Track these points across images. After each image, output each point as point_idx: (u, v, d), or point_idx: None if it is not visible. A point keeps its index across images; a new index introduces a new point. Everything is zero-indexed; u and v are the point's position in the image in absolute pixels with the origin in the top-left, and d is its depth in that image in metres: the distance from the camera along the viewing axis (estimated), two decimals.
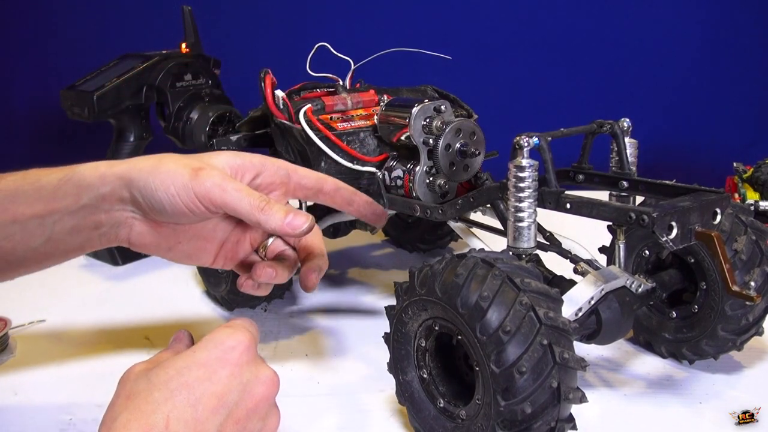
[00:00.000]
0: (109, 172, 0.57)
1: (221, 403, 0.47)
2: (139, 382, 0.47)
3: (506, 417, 0.49)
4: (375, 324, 0.63)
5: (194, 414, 0.46)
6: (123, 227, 0.58)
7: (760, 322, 0.67)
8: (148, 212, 0.57)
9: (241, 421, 0.48)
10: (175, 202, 0.55)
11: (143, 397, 0.46)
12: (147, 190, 0.55)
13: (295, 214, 0.55)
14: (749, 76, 1.37)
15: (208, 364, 0.48)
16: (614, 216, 0.58)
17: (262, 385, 0.49)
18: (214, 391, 0.47)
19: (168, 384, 0.46)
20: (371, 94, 0.83)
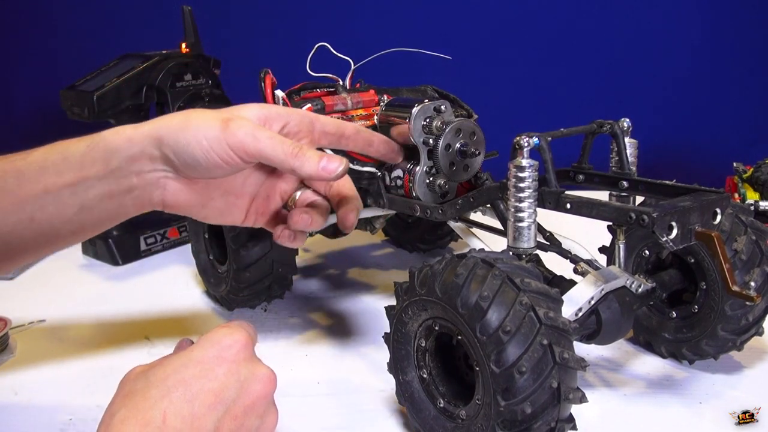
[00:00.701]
0: (137, 134, 0.56)
1: (218, 400, 0.47)
2: (138, 381, 0.48)
3: (506, 417, 0.49)
4: (375, 324, 0.63)
5: (191, 410, 0.46)
6: (156, 188, 0.58)
7: (760, 322, 0.67)
8: (181, 169, 0.56)
9: (238, 418, 0.48)
10: (209, 155, 0.54)
11: (141, 394, 0.46)
12: (178, 146, 0.55)
13: (328, 158, 0.55)
14: (749, 76, 1.37)
15: (204, 362, 0.48)
16: (614, 216, 0.58)
17: (259, 383, 0.49)
18: (211, 388, 0.47)
19: (165, 381, 0.47)
20: (371, 94, 0.83)
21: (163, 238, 1.05)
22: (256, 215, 0.62)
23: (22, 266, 0.98)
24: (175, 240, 1.06)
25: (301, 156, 0.55)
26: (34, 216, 0.57)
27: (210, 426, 0.46)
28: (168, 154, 0.55)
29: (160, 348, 0.77)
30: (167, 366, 0.48)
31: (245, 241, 0.77)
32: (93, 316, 0.86)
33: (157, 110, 0.99)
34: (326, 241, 0.96)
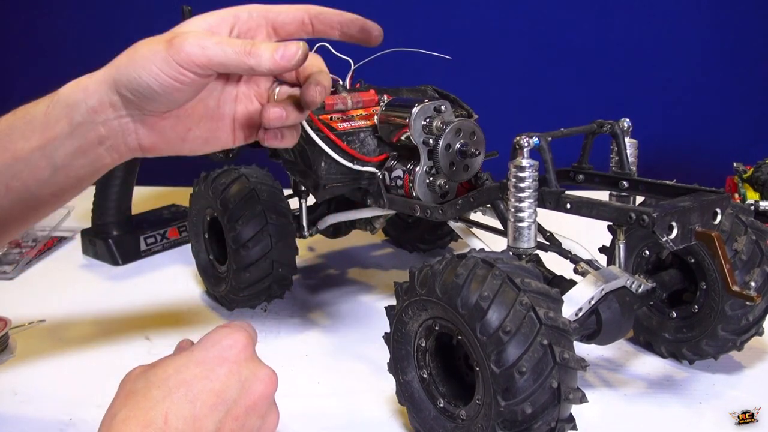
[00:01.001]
0: (91, 82, 0.54)
1: (220, 400, 0.47)
2: (138, 381, 0.47)
3: (506, 417, 0.49)
4: (375, 324, 0.63)
5: (192, 410, 0.46)
6: (127, 133, 0.56)
7: (760, 322, 0.67)
8: (143, 106, 0.54)
9: (239, 418, 0.48)
10: (162, 80, 0.52)
11: (142, 394, 0.46)
12: (131, 82, 0.53)
13: (284, 45, 0.52)
14: (749, 77, 1.37)
15: (205, 362, 0.48)
16: (614, 216, 0.58)
17: (260, 383, 0.49)
18: (212, 388, 0.47)
19: (166, 382, 0.46)
20: (371, 94, 0.83)
21: (163, 238, 1.05)
22: (243, 131, 0.59)
23: (21, 265, 0.98)
24: (175, 240, 1.06)
25: (255, 52, 0.52)
26: (9, 185, 0.56)
27: (211, 426, 0.46)
28: (126, 94, 0.53)
29: (160, 348, 0.76)
30: (168, 366, 0.48)
31: (245, 241, 0.77)
32: (93, 316, 0.86)
33: None
34: (326, 241, 0.96)
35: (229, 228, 0.78)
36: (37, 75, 1.50)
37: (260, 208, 0.78)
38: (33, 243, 1.06)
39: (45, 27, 1.49)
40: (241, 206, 0.78)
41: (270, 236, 0.78)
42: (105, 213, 1.01)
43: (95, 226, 1.02)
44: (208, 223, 0.85)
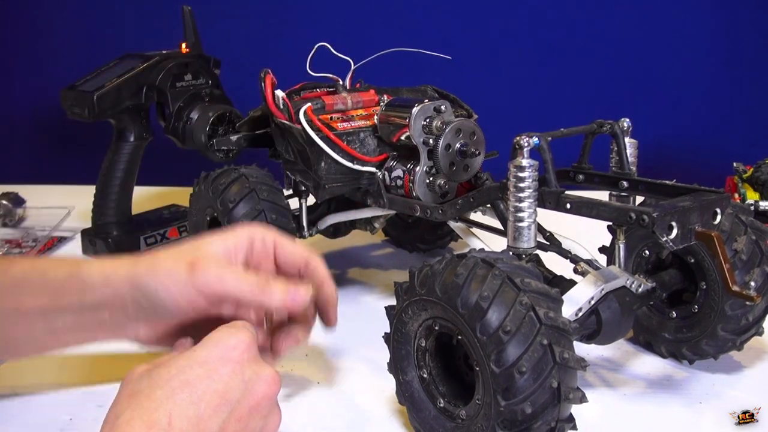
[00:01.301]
0: (114, 275, 0.57)
1: (223, 401, 0.47)
2: (141, 381, 0.47)
3: (506, 417, 0.49)
4: (375, 324, 0.63)
5: (197, 411, 0.46)
6: (128, 327, 0.59)
7: (760, 322, 0.67)
8: (152, 313, 0.57)
9: (243, 419, 0.48)
10: (177, 301, 0.55)
11: (146, 395, 0.46)
12: (149, 294, 0.56)
13: (294, 290, 0.56)
14: (749, 76, 1.37)
15: (209, 363, 0.48)
16: (614, 216, 0.58)
17: (264, 384, 0.49)
18: (216, 389, 0.47)
19: (170, 382, 0.46)
20: (371, 94, 0.83)
21: (163, 238, 1.05)
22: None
23: None
24: (175, 240, 1.06)
25: (267, 291, 0.55)
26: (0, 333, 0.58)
27: (215, 427, 0.46)
28: (140, 300, 0.56)
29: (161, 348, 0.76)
30: (171, 366, 0.48)
31: None
32: None
33: (157, 110, 0.99)
34: (326, 241, 0.96)
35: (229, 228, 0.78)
36: (37, 75, 1.51)
37: (260, 208, 0.78)
38: (33, 243, 1.06)
39: (45, 27, 1.48)
40: (241, 206, 0.78)
41: None
42: (105, 213, 1.01)
43: (95, 226, 1.02)
44: (208, 223, 0.85)
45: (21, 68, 1.52)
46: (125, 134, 0.98)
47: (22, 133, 1.55)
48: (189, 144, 0.96)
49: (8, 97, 1.54)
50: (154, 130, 1.01)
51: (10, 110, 1.54)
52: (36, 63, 1.51)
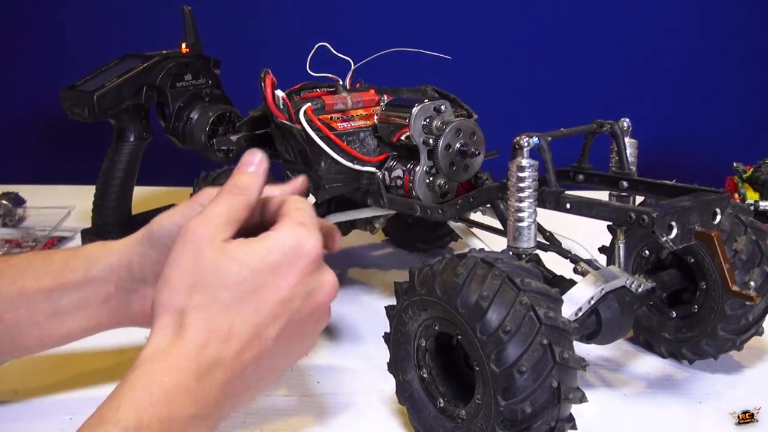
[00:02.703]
0: (117, 243, 0.59)
1: (285, 309, 0.48)
2: (207, 269, 0.46)
3: (506, 417, 0.49)
4: (375, 324, 0.63)
5: (257, 318, 0.47)
6: (134, 298, 0.59)
7: (760, 322, 0.67)
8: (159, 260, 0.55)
9: (297, 324, 0.49)
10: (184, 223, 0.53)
11: (211, 293, 0.46)
12: (154, 237, 0.56)
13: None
14: (749, 76, 1.37)
15: (280, 270, 0.47)
16: (614, 216, 0.58)
17: (323, 292, 0.50)
18: (281, 298, 0.47)
19: (238, 286, 0.46)
20: (371, 94, 0.83)
21: None
22: None
23: None
24: None
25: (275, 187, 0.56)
26: (2, 315, 0.58)
27: (272, 334, 0.47)
28: (146, 251, 0.57)
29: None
30: (242, 266, 0.46)
31: None
32: None
33: (157, 110, 0.99)
34: None
35: None
36: (37, 75, 1.51)
37: None
38: (33, 243, 1.06)
39: (45, 27, 1.48)
40: None
41: None
42: (105, 213, 1.01)
43: (95, 226, 1.02)
44: None
45: (21, 68, 1.52)
46: (125, 134, 0.98)
47: (22, 133, 1.55)
48: (189, 144, 0.96)
49: (8, 97, 1.54)
50: (154, 130, 1.01)
51: (10, 110, 1.54)
52: (36, 63, 1.51)
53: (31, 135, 1.55)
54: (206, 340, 0.45)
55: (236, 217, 0.49)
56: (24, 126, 1.55)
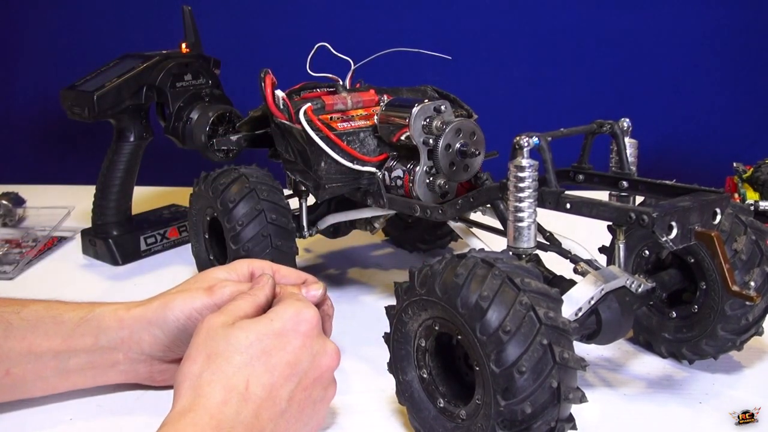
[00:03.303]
0: (127, 316, 0.61)
1: (293, 372, 0.52)
2: (219, 341, 0.51)
3: (506, 417, 0.49)
4: (375, 324, 0.63)
5: (270, 379, 0.51)
6: (144, 366, 0.62)
7: (760, 322, 0.67)
8: (170, 344, 0.61)
9: (308, 389, 0.53)
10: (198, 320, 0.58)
11: (225, 358, 0.51)
12: (166, 323, 0.60)
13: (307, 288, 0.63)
14: (749, 76, 1.37)
15: (283, 335, 0.53)
16: (614, 216, 0.58)
17: (327, 357, 0.55)
18: (288, 360, 0.52)
19: (249, 350, 0.51)
20: (371, 94, 0.83)
21: (163, 238, 1.05)
22: None
23: (21, 265, 0.98)
24: (175, 240, 1.06)
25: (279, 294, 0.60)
26: (10, 370, 0.60)
27: (285, 395, 0.52)
28: (157, 334, 0.60)
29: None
30: (250, 332, 0.52)
31: (245, 241, 0.77)
32: None
33: (157, 110, 0.99)
34: (326, 241, 0.96)
35: (229, 228, 0.78)
36: (37, 75, 1.51)
37: (260, 208, 0.78)
38: (33, 243, 1.06)
39: (45, 27, 1.49)
40: (241, 206, 0.78)
41: (270, 236, 0.78)
42: (105, 213, 1.01)
43: (95, 226, 1.02)
44: (208, 223, 0.85)
45: (21, 68, 1.52)
46: (125, 134, 0.98)
47: (22, 133, 1.55)
48: (189, 144, 0.96)
49: (8, 97, 1.54)
50: (154, 130, 1.01)
51: (10, 110, 1.54)
52: (36, 63, 1.51)
53: (31, 135, 1.55)
54: (225, 398, 0.49)
55: (243, 313, 0.55)
56: (24, 126, 1.55)
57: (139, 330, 0.61)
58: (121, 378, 0.63)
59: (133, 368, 0.62)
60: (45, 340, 0.60)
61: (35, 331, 0.61)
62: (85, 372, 0.62)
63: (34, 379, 0.61)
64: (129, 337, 0.61)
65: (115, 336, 0.61)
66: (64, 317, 0.62)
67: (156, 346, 0.61)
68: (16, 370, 0.60)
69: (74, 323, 0.61)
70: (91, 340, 0.61)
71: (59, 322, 0.61)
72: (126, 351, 0.61)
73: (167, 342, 0.60)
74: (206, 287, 0.60)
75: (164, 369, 0.63)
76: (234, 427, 0.48)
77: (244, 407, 0.49)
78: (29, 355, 0.60)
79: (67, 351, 0.61)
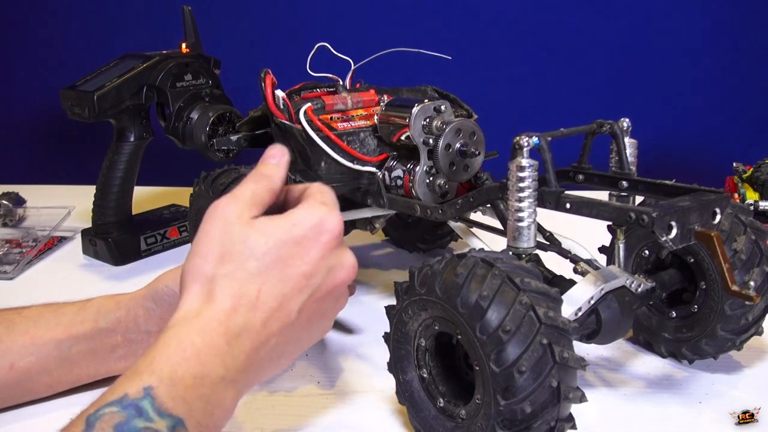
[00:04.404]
0: (124, 297, 0.63)
1: (307, 284, 0.50)
2: (235, 241, 0.48)
3: (506, 416, 0.49)
4: (375, 324, 0.63)
5: (283, 290, 0.49)
6: (141, 346, 0.63)
7: (760, 322, 0.67)
8: (163, 316, 0.62)
9: (319, 301, 0.51)
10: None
11: (240, 262, 0.48)
12: (157, 293, 0.61)
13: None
14: (749, 76, 1.37)
15: (303, 243, 0.50)
16: (614, 216, 0.58)
17: (343, 271, 0.52)
18: (304, 271, 0.50)
19: (265, 256, 0.48)
20: (371, 94, 0.83)
21: (163, 238, 1.05)
22: None
23: (21, 265, 0.98)
24: (175, 240, 1.06)
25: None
26: (15, 364, 0.61)
27: (296, 306, 0.50)
28: (150, 306, 0.62)
29: None
30: (268, 237, 0.49)
31: None
32: None
33: (157, 110, 0.99)
34: None
35: None
36: (37, 75, 1.51)
37: None
38: (33, 243, 1.06)
39: (45, 27, 1.49)
40: None
41: None
42: (105, 213, 1.01)
43: (95, 226, 1.02)
44: None
45: (21, 68, 1.52)
46: (125, 134, 0.98)
47: (22, 133, 1.55)
48: (189, 144, 0.96)
49: (8, 97, 1.54)
50: (154, 130, 1.01)
51: (10, 110, 1.54)
52: (36, 63, 1.51)
53: (31, 135, 1.55)
54: (235, 305, 0.47)
55: (261, 199, 0.51)
56: (24, 126, 1.55)
57: (134, 307, 0.62)
58: (120, 366, 0.64)
59: (132, 351, 0.63)
60: (47, 331, 0.62)
61: (37, 324, 0.62)
62: (87, 360, 0.63)
63: (39, 373, 0.62)
64: (126, 316, 0.62)
65: (113, 317, 0.63)
66: (64, 309, 0.64)
67: (151, 320, 0.62)
68: (20, 363, 0.61)
69: (74, 313, 0.63)
70: (90, 325, 0.62)
71: (60, 314, 0.63)
72: (124, 332, 0.63)
73: (160, 313, 0.62)
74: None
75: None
76: (241, 335, 0.47)
77: (253, 316, 0.48)
78: (32, 346, 0.61)
79: (69, 339, 0.62)
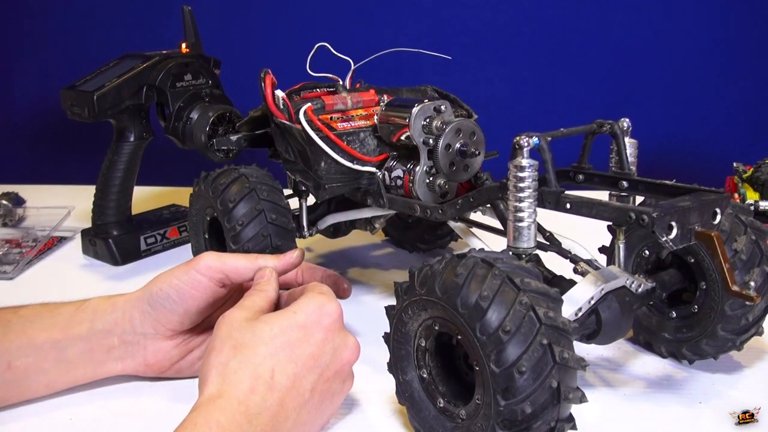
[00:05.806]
0: (120, 299, 0.65)
1: (316, 364, 0.54)
2: (244, 333, 0.54)
3: (506, 417, 0.49)
4: (375, 324, 0.63)
5: (294, 369, 0.53)
6: (137, 349, 0.64)
7: (760, 322, 0.67)
8: (159, 318, 0.63)
9: (328, 381, 0.55)
10: (180, 287, 0.62)
11: (251, 348, 0.53)
12: (152, 296, 0.63)
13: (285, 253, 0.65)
14: (749, 76, 1.37)
15: (307, 327, 0.55)
16: (614, 216, 0.58)
17: (348, 351, 0.57)
18: (311, 352, 0.54)
19: (273, 341, 0.53)
20: (371, 94, 0.83)
21: (163, 238, 1.05)
22: None
23: (21, 265, 0.98)
24: (175, 240, 1.06)
25: (261, 258, 0.64)
26: (11, 363, 0.61)
27: (308, 385, 0.54)
28: (145, 308, 0.63)
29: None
30: (274, 325, 0.54)
31: (245, 241, 0.77)
32: None
33: (157, 110, 0.99)
34: (326, 241, 0.96)
35: (229, 228, 0.78)
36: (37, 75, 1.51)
37: (260, 208, 0.78)
38: (33, 243, 1.06)
39: (45, 27, 1.49)
40: (241, 206, 0.78)
41: (270, 236, 0.78)
42: (105, 213, 1.01)
43: (95, 226, 1.02)
44: (208, 223, 0.85)
45: (21, 68, 1.52)
46: (125, 134, 0.98)
47: (22, 133, 1.55)
48: (189, 144, 0.96)
49: (8, 97, 1.54)
50: (154, 130, 1.01)
51: (10, 110, 1.54)
52: (36, 63, 1.51)
53: (31, 135, 1.55)
54: (252, 386, 0.51)
55: (260, 307, 0.57)
56: (24, 126, 1.55)
57: (130, 309, 0.63)
58: (117, 367, 0.65)
59: (128, 353, 0.64)
60: (43, 331, 0.62)
61: (34, 324, 0.63)
62: (84, 361, 0.63)
63: (36, 373, 0.62)
64: (122, 318, 0.63)
65: (110, 318, 0.63)
66: (60, 310, 0.65)
67: (146, 322, 0.63)
68: (17, 363, 0.61)
69: (70, 313, 0.64)
70: (87, 326, 0.63)
71: (56, 314, 0.64)
72: (120, 333, 0.64)
73: (155, 315, 0.63)
74: (185, 263, 0.64)
75: (157, 350, 0.64)
76: (260, 413, 0.50)
77: (270, 395, 0.51)
78: (29, 347, 0.62)
79: (65, 339, 0.63)
